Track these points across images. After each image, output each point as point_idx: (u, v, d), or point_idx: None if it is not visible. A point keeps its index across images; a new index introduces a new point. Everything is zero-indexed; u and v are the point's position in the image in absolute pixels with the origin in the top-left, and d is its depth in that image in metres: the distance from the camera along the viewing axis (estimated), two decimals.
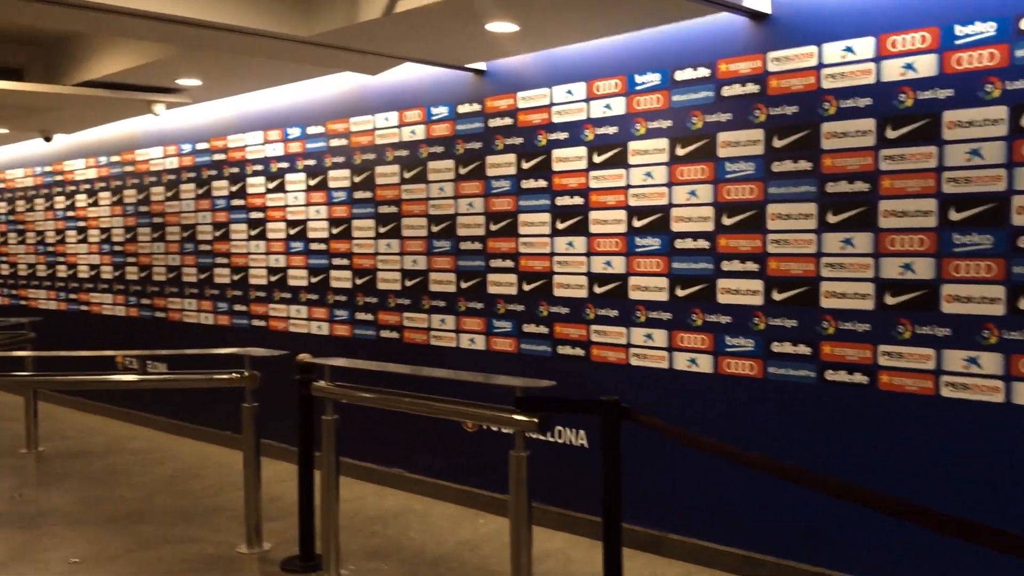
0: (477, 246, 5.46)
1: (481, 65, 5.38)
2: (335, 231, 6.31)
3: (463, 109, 5.51)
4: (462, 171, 5.52)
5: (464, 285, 5.55)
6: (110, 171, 8.40)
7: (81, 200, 8.80)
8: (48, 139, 7.84)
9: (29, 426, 7.12)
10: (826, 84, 4.01)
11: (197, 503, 5.69)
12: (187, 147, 7.49)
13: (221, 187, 7.17)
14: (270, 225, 6.78)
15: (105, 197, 8.47)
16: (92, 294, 8.71)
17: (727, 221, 4.35)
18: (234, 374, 4.73)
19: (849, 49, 3.94)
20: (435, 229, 5.69)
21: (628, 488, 3.48)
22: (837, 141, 3.99)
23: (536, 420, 3.46)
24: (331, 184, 6.31)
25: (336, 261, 6.32)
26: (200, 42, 4.73)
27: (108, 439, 7.58)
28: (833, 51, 3.99)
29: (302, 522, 4.53)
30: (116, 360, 7.71)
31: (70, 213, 8.99)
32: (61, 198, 9.11)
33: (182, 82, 6.14)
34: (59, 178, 9.15)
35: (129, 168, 8.15)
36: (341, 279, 6.29)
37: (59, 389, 8.67)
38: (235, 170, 7.05)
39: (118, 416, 8.32)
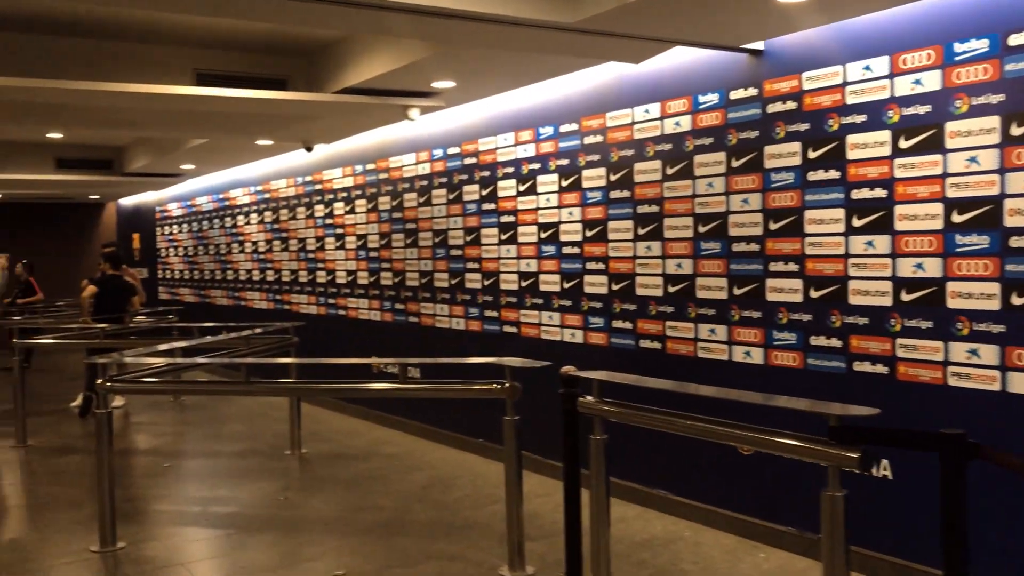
0: (753, 247, 4.89)
1: (758, 44, 4.82)
2: (589, 233, 5.96)
3: (736, 95, 4.97)
4: (735, 164, 4.98)
5: (737, 291, 5.00)
6: (365, 179, 8.55)
7: (339, 208, 9.05)
8: (309, 149, 8.10)
9: (293, 429, 7.32)
10: None
11: (455, 516, 5.52)
12: (438, 152, 7.44)
13: (472, 191, 7.04)
14: (521, 229, 6.55)
15: (361, 204, 8.64)
16: (349, 299, 8.92)
17: None
18: (494, 385, 4.47)
19: None
20: (702, 229, 5.19)
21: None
22: None
23: (857, 455, 2.89)
24: (585, 184, 5.97)
25: (591, 265, 5.96)
26: (459, 38, 4.52)
27: (366, 443, 7.68)
28: None
29: (569, 547, 4.17)
30: (372, 366, 7.81)
31: (328, 221, 9.27)
32: (320, 206, 9.43)
33: (437, 85, 6.02)
34: (318, 187, 9.47)
35: (383, 175, 8.25)
36: (596, 284, 5.92)
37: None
38: (486, 173, 6.89)
39: (375, 420, 8.44)
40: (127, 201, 16.42)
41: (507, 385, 4.43)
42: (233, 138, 8.30)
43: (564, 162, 6.13)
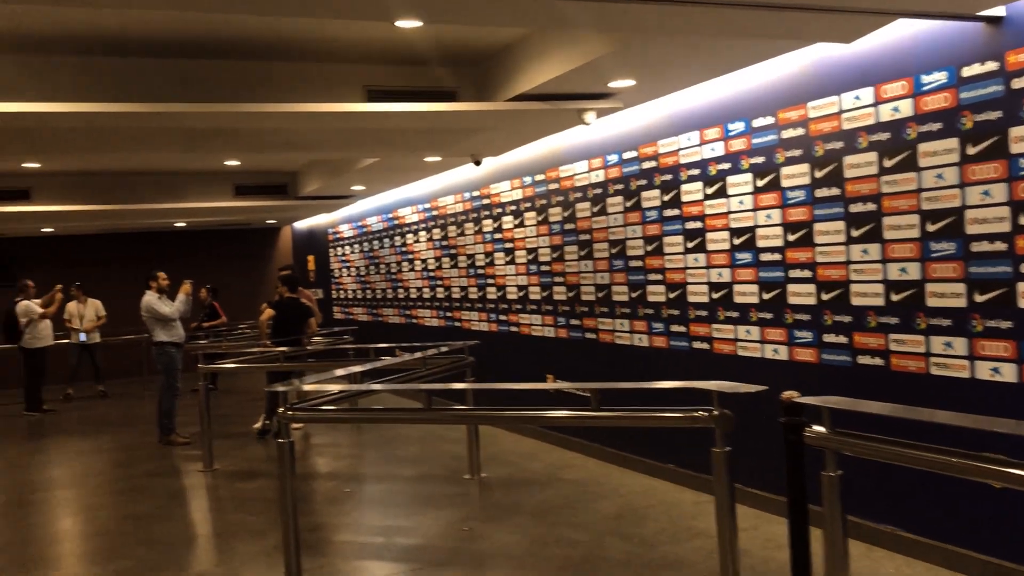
0: (999, 247, 4.19)
1: (998, 10, 4.13)
2: (792, 238, 5.36)
3: (969, 71, 4.28)
4: (970, 151, 4.29)
5: (979, 298, 4.30)
6: (535, 190, 8.23)
7: (507, 222, 8.77)
8: (478, 163, 7.86)
9: (472, 452, 7.05)
10: None
11: (653, 551, 5.05)
12: (613, 157, 7.01)
13: (652, 197, 6.56)
14: (710, 235, 6.01)
15: (531, 217, 8.32)
16: (521, 315, 8.62)
17: None
18: (699, 412, 3.98)
19: None
20: (931, 228, 4.51)
21: None
22: None
23: None
24: (785, 183, 5.38)
25: (795, 273, 5.36)
26: (647, 25, 4.08)
27: (545, 466, 7.32)
28: None
29: None
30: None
31: (497, 235, 9.02)
32: (488, 221, 9.19)
33: (615, 84, 5.60)
34: (486, 201, 9.24)
35: (553, 186, 7.90)
36: (802, 294, 5.32)
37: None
38: (667, 177, 6.40)
39: (553, 441, 8.08)
40: (301, 224, 16.88)
41: (716, 413, 3.93)
42: (402, 155, 8.17)
43: (759, 160, 5.56)
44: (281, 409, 4.87)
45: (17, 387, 13.11)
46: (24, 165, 9.65)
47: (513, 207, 8.66)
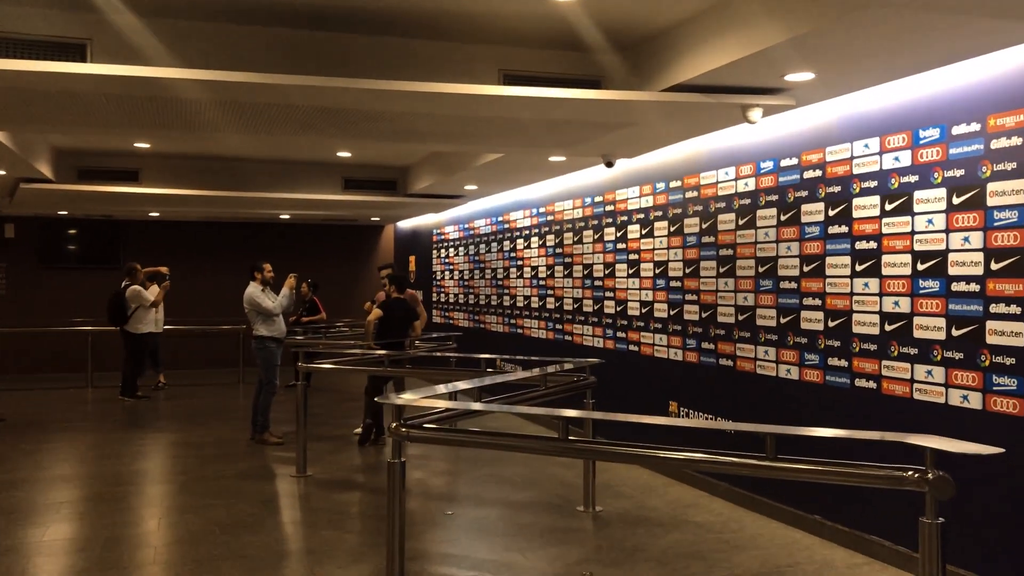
0: None
1: None
2: (997, 266, 4.53)
3: None
4: None
5: None
6: (668, 198, 7.52)
7: (634, 231, 8.08)
8: (610, 164, 7.21)
9: (588, 482, 6.37)
10: None
11: None
12: (767, 164, 6.25)
13: (814, 211, 5.79)
14: (886, 258, 5.21)
15: (661, 227, 7.61)
16: (643, 333, 7.91)
17: None
18: (909, 473, 3.22)
19: None
20: None
21: None
22: None
23: None
24: (991, 201, 4.55)
25: (998, 308, 4.53)
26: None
27: (667, 504, 6.58)
28: None
29: None
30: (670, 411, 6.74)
31: (620, 245, 8.33)
32: (611, 229, 8.51)
33: (791, 78, 4.86)
34: (609, 208, 8.57)
35: (691, 194, 7.18)
36: (1007, 333, 4.48)
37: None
38: (835, 189, 5.61)
39: (675, 474, 7.33)
40: (405, 224, 16.49)
41: (931, 476, 3.16)
42: (528, 152, 7.56)
43: (957, 172, 4.75)
44: (395, 424, 4.29)
45: (118, 370, 13.04)
46: (136, 145, 9.43)
47: (641, 215, 7.96)
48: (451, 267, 13.68)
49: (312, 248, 16.66)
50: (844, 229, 5.53)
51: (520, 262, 10.89)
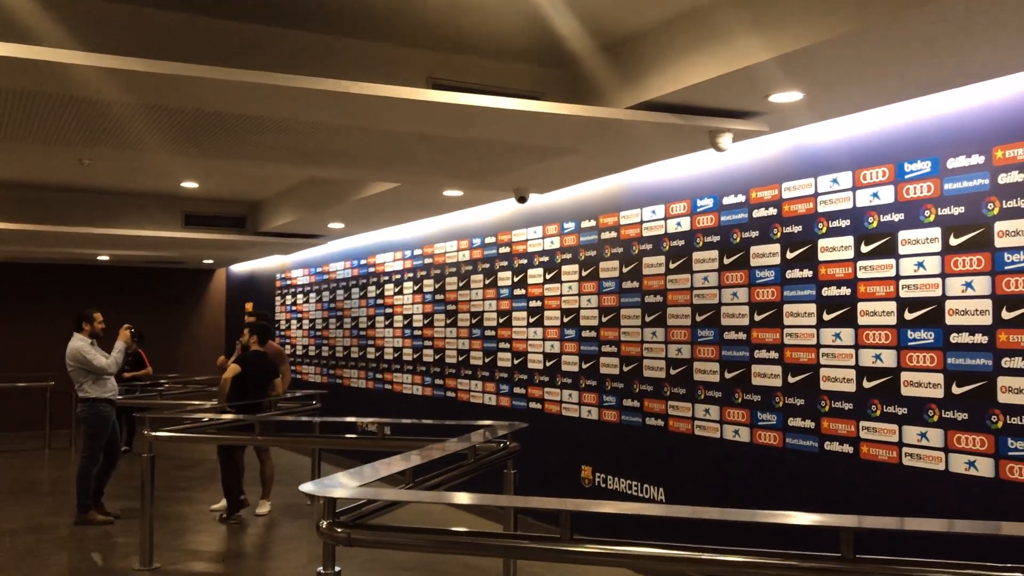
0: None
1: None
2: (1009, 316, 4.05)
3: None
4: None
5: None
6: (579, 239, 6.80)
7: (535, 275, 7.29)
8: (523, 200, 6.41)
9: None
10: None
11: None
12: (707, 202, 5.65)
13: (767, 253, 5.20)
14: (864, 306, 4.66)
15: (571, 271, 6.87)
16: (548, 389, 7.09)
17: None
18: None
19: None
20: None
21: None
22: None
23: None
24: (1000, 242, 4.09)
25: (1007, 362, 4.03)
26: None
27: None
28: None
29: None
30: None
31: (519, 291, 7.53)
32: (507, 273, 7.70)
33: (777, 98, 4.25)
34: (504, 250, 7.76)
35: (609, 234, 6.48)
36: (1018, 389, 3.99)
37: None
38: (793, 229, 5.05)
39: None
40: (240, 267, 15.02)
41: None
42: (421, 187, 6.66)
43: (954, 211, 4.26)
44: (327, 523, 3.22)
45: None
46: None
47: (544, 258, 7.19)
48: (299, 315, 12.41)
49: (133, 294, 14.85)
50: (807, 274, 4.96)
51: (389, 310, 9.86)
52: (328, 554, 3.24)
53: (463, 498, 4.05)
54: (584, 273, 6.74)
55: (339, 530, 3.20)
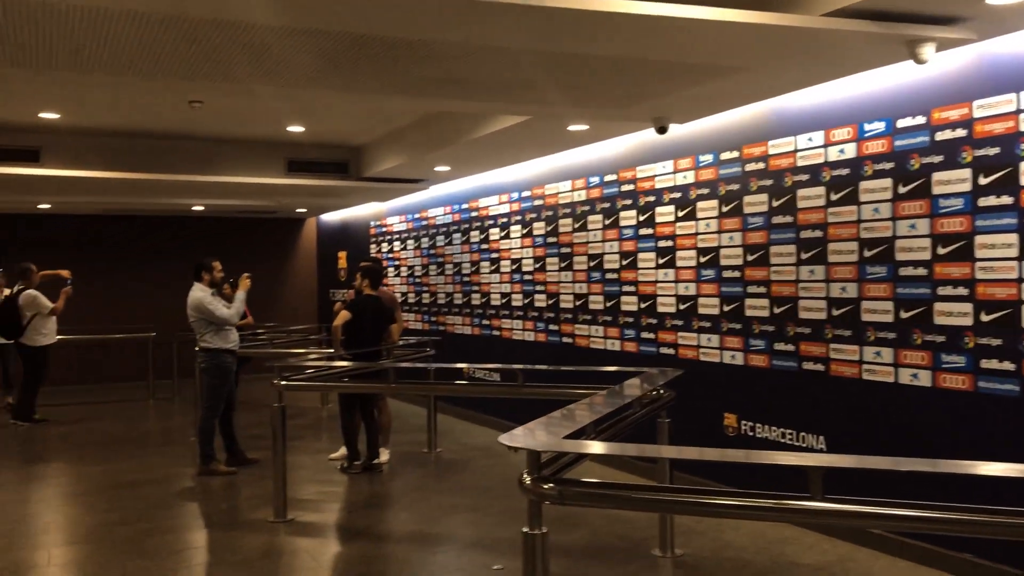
0: None
1: None
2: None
3: None
4: None
5: None
6: (718, 172, 6.36)
7: (665, 214, 6.88)
8: (663, 130, 5.98)
9: (665, 523, 5.12)
10: None
11: None
12: (844, 132, 5.15)
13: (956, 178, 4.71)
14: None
15: (708, 207, 6.44)
16: (682, 334, 6.72)
17: None
18: None
19: None
20: None
21: None
22: None
23: None
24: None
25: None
26: None
27: (752, 540, 5.39)
28: None
29: None
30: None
31: (645, 231, 7.12)
32: (630, 212, 7.29)
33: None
34: (628, 188, 7.35)
35: (756, 165, 6.03)
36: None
37: None
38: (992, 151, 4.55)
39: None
40: (331, 216, 14.86)
41: None
42: (555, 118, 6.26)
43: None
44: (530, 479, 2.92)
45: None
46: (42, 116, 7.63)
47: (677, 194, 6.77)
48: (396, 263, 12.19)
49: (225, 245, 14.79)
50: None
51: (495, 254, 9.55)
52: (534, 512, 2.95)
53: (669, 451, 3.72)
54: (724, 209, 6.30)
55: (546, 486, 2.91)
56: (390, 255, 12.38)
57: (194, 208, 13.14)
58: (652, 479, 6.11)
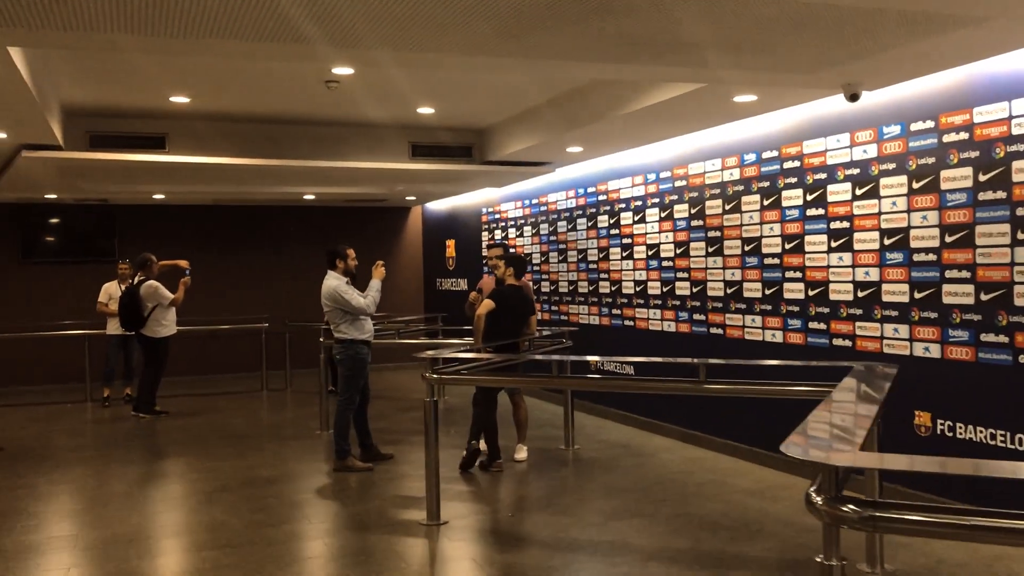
0: None
1: None
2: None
3: None
4: None
5: None
6: (908, 144, 5.73)
7: (839, 193, 6.27)
8: (855, 97, 5.40)
9: (874, 541, 4.58)
10: None
11: None
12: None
13: None
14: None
15: (893, 184, 5.82)
16: (861, 324, 6.12)
17: None
18: None
19: None
20: None
21: None
22: None
23: None
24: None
25: None
26: None
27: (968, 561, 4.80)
28: None
29: None
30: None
31: (813, 212, 6.53)
32: (796, 192, 6.71)
33: None
34: (791, 165, 6.76)
35: (949, 137, 5.40)
36: None
37: None
38: None
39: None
40: (437, 205, 14.53)
41: None
42: (724, 85, 5.72)
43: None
44: (823, 499, 2.44)
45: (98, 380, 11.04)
46: (173, 100, 7.41)
47: (855, 169, 6.17)
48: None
49: (333, 235, 14.59)
50: None
51: (626, 239, 9.04)
52: (830, 539, 2.46)
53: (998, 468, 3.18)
54: (915, 185, 5.68)
55: (847, 508, 2.41)
56: (506, 242, 11.96)
57: (305, 197, 12.96)
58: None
